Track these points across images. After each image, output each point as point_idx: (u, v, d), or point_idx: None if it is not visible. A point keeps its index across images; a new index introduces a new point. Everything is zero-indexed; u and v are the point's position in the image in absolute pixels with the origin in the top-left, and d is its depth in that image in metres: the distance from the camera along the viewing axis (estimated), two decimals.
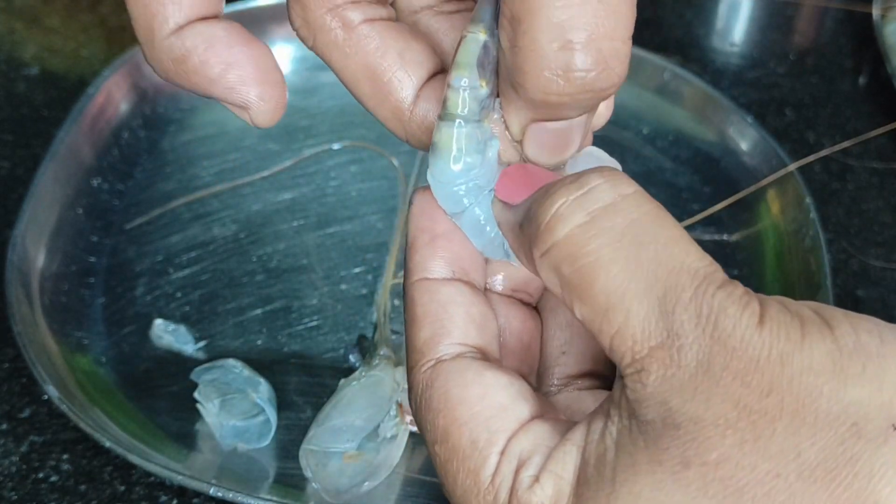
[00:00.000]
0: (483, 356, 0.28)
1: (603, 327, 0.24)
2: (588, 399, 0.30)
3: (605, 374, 0.31)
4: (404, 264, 0.30)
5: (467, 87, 0.27)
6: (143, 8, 0.27)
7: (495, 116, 0.28)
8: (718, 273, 0.24)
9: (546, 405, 0.28)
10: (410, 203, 0.30)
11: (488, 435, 0.26)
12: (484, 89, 0.28)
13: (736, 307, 0.23)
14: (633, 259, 0.24)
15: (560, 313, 0.31)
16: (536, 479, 0.25)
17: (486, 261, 0.30)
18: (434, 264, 0.29)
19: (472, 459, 0.26)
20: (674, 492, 0.23)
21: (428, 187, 0.30)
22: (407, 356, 0.29)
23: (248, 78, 0.28)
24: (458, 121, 0.28)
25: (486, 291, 0.31)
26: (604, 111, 0.30)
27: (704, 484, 0.23)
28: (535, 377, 0.32)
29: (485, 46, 0.27)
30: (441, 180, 0.29)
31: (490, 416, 0.26)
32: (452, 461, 0.26)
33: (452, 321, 0.28)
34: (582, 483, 0.25)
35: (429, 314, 0.28)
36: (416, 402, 0.28)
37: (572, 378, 0.31)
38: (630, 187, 0.25)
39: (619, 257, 0.24)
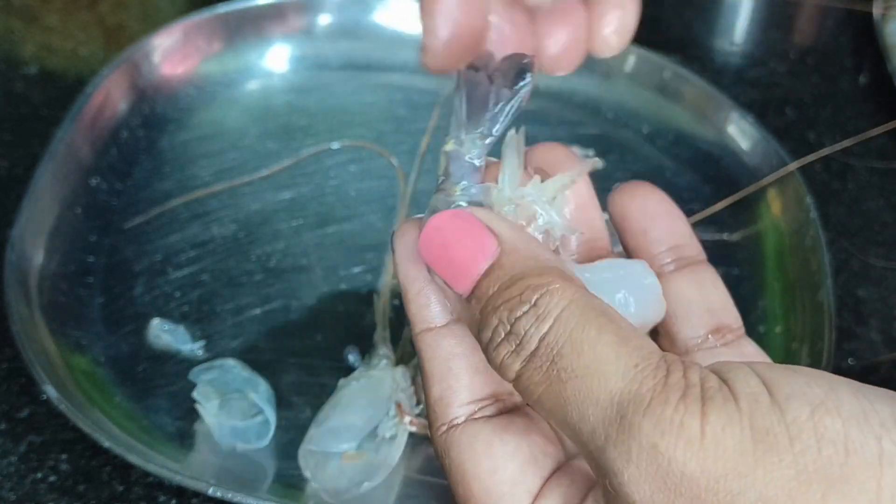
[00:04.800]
0: (496, 401, 0.29)
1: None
2: (727, 354, 0.32)
3: (733, 326, 0.33)
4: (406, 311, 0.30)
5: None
6: None
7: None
8: (647, 381, 0.23)
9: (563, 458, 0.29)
10: (393, 249, 0.30)
11: None
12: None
13: (668, 437, 0.22)
14: (560, 398, 0.24)
15: None
16: None
17: None
18: (430, 312, 0.29)
19: None
20: None
21: (410, 223, 0.30)
22: (426, 406, 0.30)
23: None
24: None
25: None
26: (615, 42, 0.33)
27: None
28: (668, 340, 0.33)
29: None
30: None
31: (502, 493, 0.27)
32: None
33: (458, 380, 0.29)
34: None
35: (435, 373, 0.29)
36: (441, 463, 0.29)
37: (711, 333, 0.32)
38: (547, 322, 0.25)
39: (550, 397, 0.25)
